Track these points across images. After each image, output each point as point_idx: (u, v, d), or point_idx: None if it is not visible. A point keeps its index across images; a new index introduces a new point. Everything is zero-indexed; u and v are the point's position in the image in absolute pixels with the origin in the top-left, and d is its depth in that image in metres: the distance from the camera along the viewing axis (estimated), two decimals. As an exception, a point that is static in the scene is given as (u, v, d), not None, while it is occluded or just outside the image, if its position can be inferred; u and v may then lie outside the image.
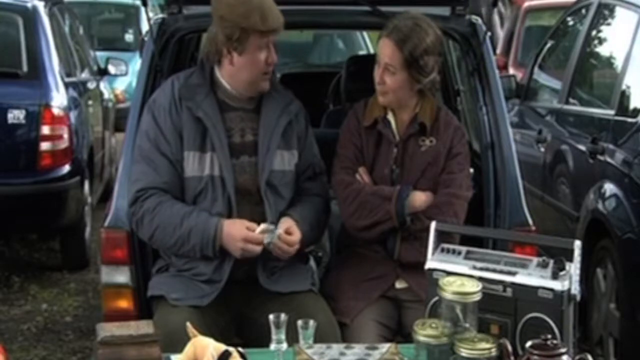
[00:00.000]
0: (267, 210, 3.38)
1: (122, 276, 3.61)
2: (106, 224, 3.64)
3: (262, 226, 3.29)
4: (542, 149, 6.13)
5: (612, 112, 5.19)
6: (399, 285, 3.52)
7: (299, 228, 3.37)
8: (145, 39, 4.23)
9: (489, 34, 4.02)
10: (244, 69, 3.38)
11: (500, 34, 11.84)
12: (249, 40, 3.32)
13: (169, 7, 4.07)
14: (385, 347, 2.90)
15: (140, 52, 6.82)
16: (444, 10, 4.09)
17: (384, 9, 3.91)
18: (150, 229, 3.37)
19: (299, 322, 2.84)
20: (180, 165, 3.37)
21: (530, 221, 3.66)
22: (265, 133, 3.43)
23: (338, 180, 3.55)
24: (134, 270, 3.58)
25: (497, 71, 3.99)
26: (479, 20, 4.05)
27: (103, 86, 9.08)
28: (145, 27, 9.68)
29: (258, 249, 3.29)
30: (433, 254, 2.97)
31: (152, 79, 3.87)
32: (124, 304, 3.62)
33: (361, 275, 3.51)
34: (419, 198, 3.47)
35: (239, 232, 3.27)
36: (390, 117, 3.58)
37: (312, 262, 3.72)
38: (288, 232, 3.33)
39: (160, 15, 4.19)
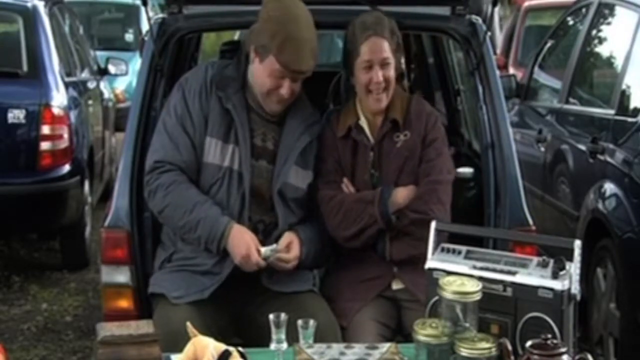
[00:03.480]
0: (280, 217, 3.40)
1: (122, 276, 3.61)
2: (106, 223, 3.64)
3: (269, 248, 3.32)
4: (542, 149, 6.13)
5: (612, 111, 5.19)
6: (396, 286, 3.52)
7: (301, 247, 3.39)
8: (146, 38, 4.23)
9: (489, 33, 4.02)
10: (258, 79, 3.40)
11: (499, 34, 11.84)
12: (269, 58, 3.33)
13: (169, 7, 4.06)
14: (385, 346, 2.90)
15: (140, 51, 6.82)
16: (444, 10, 4.08)
17: (384, 8, 3.92)
18: (161, 204, 3.38)
19: (299, 322, 2.84)
20: (201, 149, 3.38)
21: (530, 221, 3.66)
22: (285, 147, 3.44)
23: (321, 196, 3.53)
24: (134, 270, 3.58)
25: (497, 71, 3.99)
26: (479, 20, 4.05)
27: (103, 86, 9.08)
28: (145, 26, 9.67)
29: (254, 268, 3.30)
30: (433, 253, 2.97)
31: (152, 79, 3.87)
32: (124, 303, 3.62)
33: (358, 276, 3.50)
34: (401, 194, 3.46)
35: (244, 247, 3.28)
36: (362, 122, 3.58)
37: None
38: (288, 247, 3.36)
39: (161, 15, 4.18)
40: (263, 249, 3.30)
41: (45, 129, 6.51)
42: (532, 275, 2.78)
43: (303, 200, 3.50)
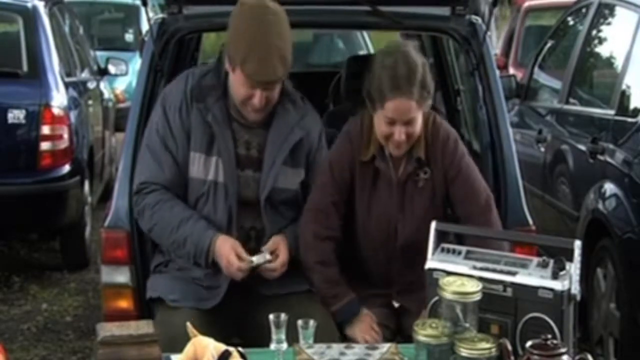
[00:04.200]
0: (267, 225, 3.37)
1: (122, 276, 3.60)
2: (106, 224, 3.64)
3: (256, 257, 3.28)
4: (542, 149, 6.13)
5: (612, 112, 5.19)
6: (397, 304, 3.49)
7: (289, 250, 3.33)
8: (146, 39, 4.23)
9: (489, 33, 4.01)
10: (233, 89, 3.33)
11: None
12: (237, 68, 3.25)
13: (169, 7, 4.06)
14: (385, 347, 2.90)
15: (140, 52, 6.82)
16: (444, 11, 4.08)
17: (384, 8, 3.91)
18: (149, 223, 3.40)
19: (299, 322, 2.84)
20: (186, 164, 3.36)
21: (530, 221, 3.66)
22: (272, 150, 3.37)
23: (308, 229, 3.35)
24: (134, 270, 3.58)
25: (497, 71, 3.99)
26: (479, 20, 4.05)
27: (103, 86, 9.08)
28: (145, 26, 9.69)
29: (239, 275, 3.26)
30: (433, 254, 2.97)
31: (152, 79, 3.87)
32: (124, 304, 3.62)
33: (358, 287, 3.41)
34: (360, 330, 3.28)
35: (224, 257, 3.25)
36: (386, 151, 3.37)
37: None
38: (275, 253, 3.31)
39: (160, 15, 4.18)
40: (254, 258, 3.27)
41: (45, 129, 6.51)
42: (532, 276, 2.78)
43: (294, 200, 3.45)
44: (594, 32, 6.05)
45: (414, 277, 3.26)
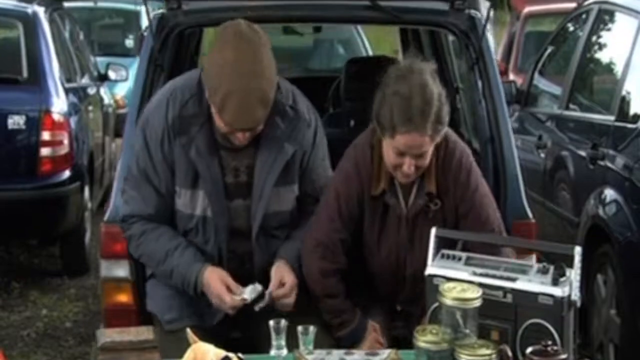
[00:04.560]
0: (256, 252, 3.24)
1: (121, 270, 3.61)
2: (105, 218, 3.66)
3: (248, 289, 3.13)
4: (543, 155, 6.13)
5: (612, 117, 5.19)
6: (399, 307, 3.44)
7: (292, 269, 3.19)
8: (145, 34, 4.23)
9: (488, 28, 4.01)
10: (215, 122, 3.13)
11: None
12: (215, 112, 3.08)
13: (169, 2, 4.05)
14: (385, 352, 2.90)
15: (139, 50, 6.84)
16: (443, 5, 4.07)
17: (383, 3, 3.91)
18: (137, 253, 3.33)
19: (299, 328, 2.83)
20: (171, 197, 3.22)
21: (530, 214, 3.67)
22: (261, 174, 3.19)
23: (315, 265, 3.22)
24: (133, 264, 3.55)
25: (496, 66, 3.99)
26: (478, 15, 4.04)
27: (103, 92, 9.08)
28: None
29: (231, 311, 3.13)
30: (433, 260, 2.97)
31: (151, 74, 3.86)
32: (124, 298, 3.62)
33: (360, 303, 3.33)
34: (372, 347, 3.16)
35: (215, 288, 3.13)
36: (396, 184, 3.22)
37: None
38: (280, 283, 3.16)
39: (160, 11, 4.19)
40: (247, 294, 3.10)
41: (46, 135, 6.51)
42: (532, 282, 2.78)
43: (289, 219, 3.31)
44: (594, 38, 6.05)
45: (419, 295, 3.18)
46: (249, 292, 3.11)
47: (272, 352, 2.81)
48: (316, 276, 3.24)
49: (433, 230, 3.02)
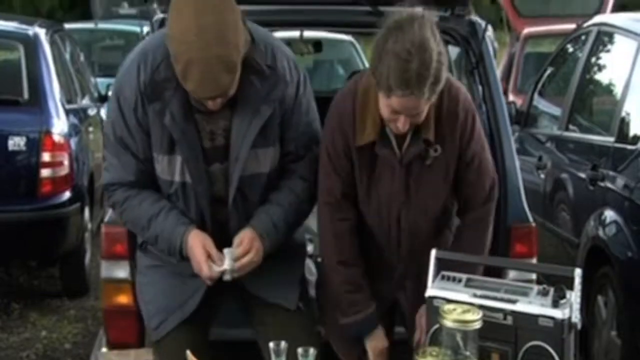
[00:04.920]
0: (232, 219, 3.16)
1: (121, 271, 3.63)
2: (106, 219, 3.68)
3: (227, 258, 3.07)
4: (543, 176, 6.13)
5: (612, 139, 5.20)
6: (398, 329, 3.41)
7: (261, 240, 3.10)
8: (146, 37, 4.24)
9: (488, 32, 4.02)
10: None
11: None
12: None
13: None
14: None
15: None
16: (444, 11, 4.08)
17: (384, 9, 3.93)
18: (122, 219, 3.28)
19: (299, 350, 2.82)
20: (151, 162, 3.13)
21: (530, 218, 3.67)
22: (237, 138, 3.08)
23: (327, 228, 3.20)
24: (133, 265, 3.56)
25: (496, 71, 4.00)
26: (479, 20, 4.06)
27: (104, 113, 9.09)
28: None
29: (209, 282, 3.11)
30: (433, 281, 2.96)
31: None
32: (124, 299, 3.63)
33: None
34: (377, 345, 3.18)
35: (196, 265, 3.08)
36: (388, 131, 3.10)
37: (312, 268, 3.58)
38: (244, 250, 3.08)
39: (161, 15, 4.19)
40: (226, 264, 3.04)
41: (46, 156, 6.51)
42: (533, 304, 2.77)
43: (265, 183, 3.18)
44: (593, 60, 6.07)
45: (415, 268, 3.17)
46: (229, 261, 3.05)
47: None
48: (330, 239, 3.19)
49: (433, 252, 3.02)
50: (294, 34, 7.07)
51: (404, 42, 2.87)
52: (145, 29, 4.42)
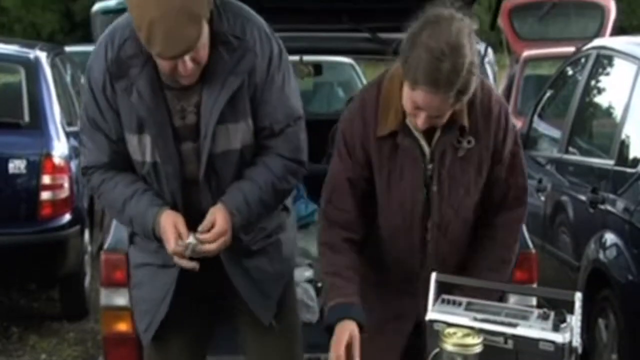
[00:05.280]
0: (203, 199, 3.04)
1: (121, 298, 3.62)
2: (105, 246, 3.67)
3: (192, 236, 2.96)
4: (543, 198, 6.14)
5: (611, 161, 5.20)
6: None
7: (229, 214, 2.99)
8: None
9: (487, 57, 4.03)
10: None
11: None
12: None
13: None
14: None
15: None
16: None
17: (383, 35, 3.95)
18: (101, 204, 3.22)
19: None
20: (124, 144, 3.03)
21: (530, 245, 3.67)
22: (205, 113, 2.96)
23: (325, 214, 3.05)
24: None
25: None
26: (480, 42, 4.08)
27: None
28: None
29: (177, 261, 2.98)
30: (434, 304, 2.95)
31: None
32: (124, 327, 3.62)
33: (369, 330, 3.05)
34: (340, 333, 2.87)
35: (165, 232, 2.97)
36: (410, 121, 2.93)
37: (311, 293, 3.54)
38: (208, 223, 2.97)
39: None
40: (191, 238, 2.95)
41: (46, 179, 6.52)
42: (533, 328, 2.76)
43: (241, 160, 3.06)
44: (593, 83, 6.08)
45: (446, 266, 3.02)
46: (192, 236, 2.97)
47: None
48: (324, 222, 3.06)
49: (433, 275, 3.00)
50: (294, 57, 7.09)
51: (439, 39, 2.74)
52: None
